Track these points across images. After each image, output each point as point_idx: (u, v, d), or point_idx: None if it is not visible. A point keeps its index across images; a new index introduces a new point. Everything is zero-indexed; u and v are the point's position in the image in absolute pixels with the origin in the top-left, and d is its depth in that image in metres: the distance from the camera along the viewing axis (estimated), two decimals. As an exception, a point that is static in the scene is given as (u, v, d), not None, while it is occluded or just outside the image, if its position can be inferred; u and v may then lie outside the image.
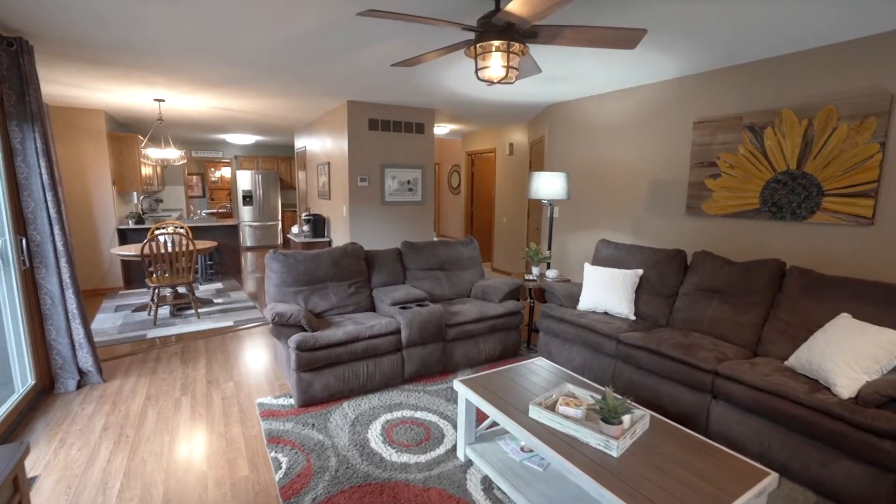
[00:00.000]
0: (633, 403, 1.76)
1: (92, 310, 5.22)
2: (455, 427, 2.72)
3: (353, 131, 5.16)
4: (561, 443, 1.82)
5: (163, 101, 5.08)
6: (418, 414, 2.88)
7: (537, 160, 6.03)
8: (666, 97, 3.99)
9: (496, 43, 2.11)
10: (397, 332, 3.19)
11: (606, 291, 3.56)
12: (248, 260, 8.88)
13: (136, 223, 6.25)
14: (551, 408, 2.05)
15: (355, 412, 2.89)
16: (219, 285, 6.47)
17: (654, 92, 4.08)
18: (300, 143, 7.89)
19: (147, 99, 5.04)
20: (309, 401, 2.92)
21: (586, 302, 3.62)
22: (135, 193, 7.58)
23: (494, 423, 2.59)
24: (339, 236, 5.74)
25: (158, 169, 8.50)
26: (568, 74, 3.88)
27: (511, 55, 2.11)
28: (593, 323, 3.31)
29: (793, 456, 2.20)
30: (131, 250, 4.78)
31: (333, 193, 5.90)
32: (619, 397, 1.81)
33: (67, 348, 3.15)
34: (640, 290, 3.58)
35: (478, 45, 2.15)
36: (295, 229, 6.35)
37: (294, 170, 11.03)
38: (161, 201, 10.00)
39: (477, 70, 2.19)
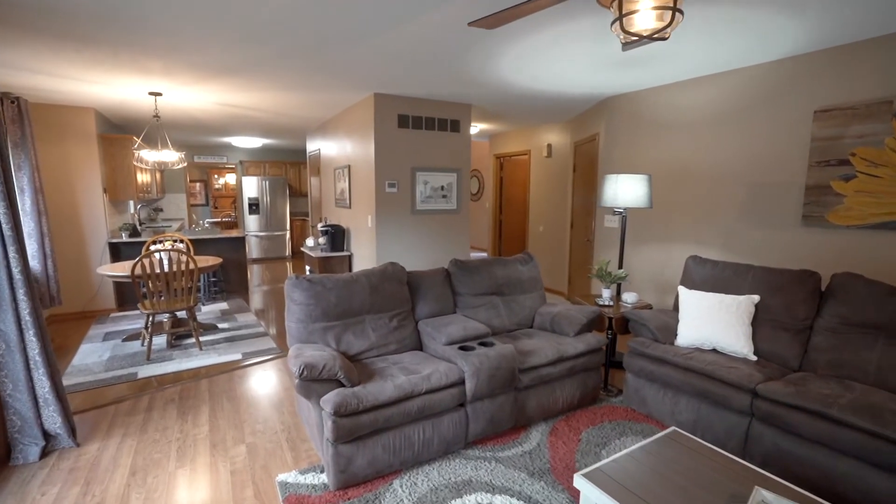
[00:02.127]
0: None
1: (77, 338, 4.48)
2: (554, 523, 1.97)
3: (380, 129, 4.44)
4: None
5: (159, 94, 4.37)
6: (498, 500, 2.12)
7: (584, 163, 5.30)
8: (775, 81, 3.25)
9: (653, -27, 1.38)
10: (460, 382, 2.43)
11: (714, 323, 2.81)
12: (254, 273, 8.15)
13: (131, 236, 5.53)
14: (758, 540, 1.30)
15: (412, 497, 2.13)
16: (224, 305, 5.72)
17: (759, 75, 3.34)
18: (313, 145, 7.19)
19: (142, 92, 4.34)
20: (349, 481, 2.16)
21: (688, 336, 2.87)
22: (131, 202, 6.88)
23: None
24: (363, 250, 5.00)
25: (157, 174, 7.81)
26: (653, 55, 3.15)
27: (679, -10, 1.38)
28: (710, 367, 2.56)
29: None
30: (121, 270, 4.05)
31: (355, 201, 5.17)
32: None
33: (28, 406, 2.40)
34: (758, 322, 2.83)
35: (621, -21, 1.42)
36: (310, 241, 5.62)
37: (305, 175, 10.34)
38: (161, 210, 9.30)
39: (621, 18, 1.46)
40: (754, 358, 2.69)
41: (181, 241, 5.02)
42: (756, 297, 2.85)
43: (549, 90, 4.19)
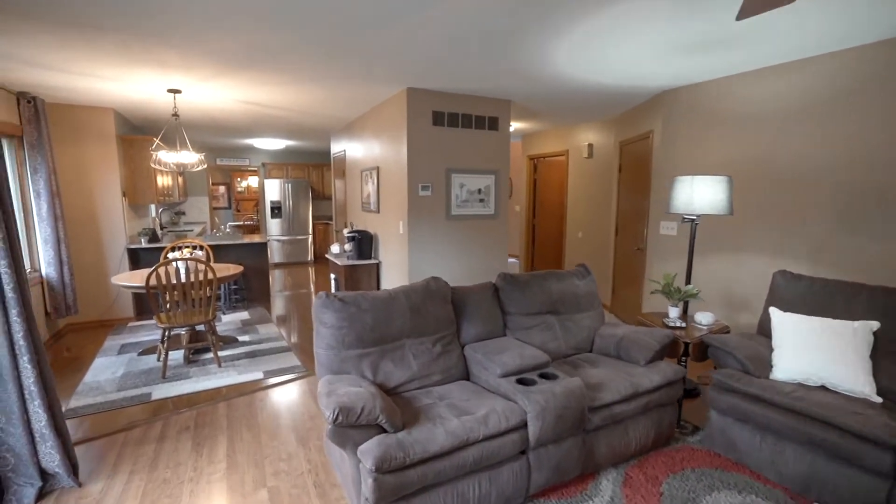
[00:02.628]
0: None
1: (93, 349, 4.23)
2: None
3: (413, 127, 4.07)
4: None
5: (179, 91, 4.10)
6: (576, 581, 1.70)
7: (631, 163, 4.83)
8: (884, 64, 2.75)
9: None
10: (522, 425, 2.02)
11: (823, 354, 2.34)
12: (275, 279, 7.89)
13: (150, 241, 5.29)
14: None
15: (468, 572, 1.73)
16: (244, 315, 5.44)
17: (863, 57, 2.84)
18: (337, 146, 6.88)
19: (160, 90, 4.07)
20: (391, 549, 1.78)
21: (789, 369, 2.40)
22: (152, 206, 6.69)
23: None
24: (392, 257, 4.64)
25: (179, 178, 7.62)
26: (736, 36, 2.69)
27: None
28: (828, 412, 2.08)
29: None
30: (137, 279, 3.77)
31: (384, 205, 4.82)
32: None
33: (23, 442, 2.09)
34: (878, 355, 2.34)
35: None
36: (335, 248, 5.30)
37: (328, 178, 10.09)
38: (183, 213, 9.15)
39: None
40: (878, 399, 2.21)
41: (201, 248, 4.75)
42: (875, 324, 2.36)
43: (605, 82, 3.75)
